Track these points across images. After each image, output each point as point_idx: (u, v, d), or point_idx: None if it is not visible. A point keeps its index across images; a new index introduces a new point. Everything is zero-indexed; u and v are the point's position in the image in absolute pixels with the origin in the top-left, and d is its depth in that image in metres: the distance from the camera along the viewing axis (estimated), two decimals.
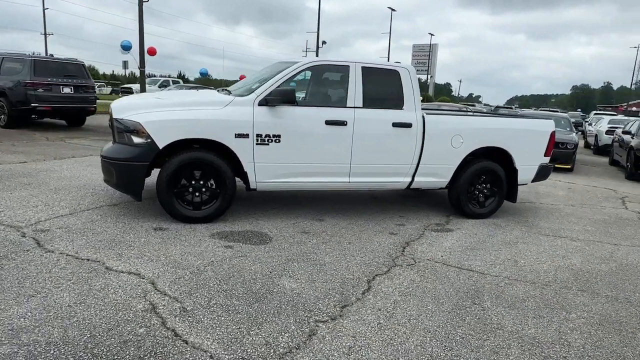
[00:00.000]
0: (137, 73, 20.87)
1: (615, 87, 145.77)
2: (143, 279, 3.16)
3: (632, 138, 10.38)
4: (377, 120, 4.84)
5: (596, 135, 16.67)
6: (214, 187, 4.48)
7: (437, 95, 55.48)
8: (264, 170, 4.55)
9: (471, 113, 8.09)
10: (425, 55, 55.04)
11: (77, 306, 2.70)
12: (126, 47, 23.00)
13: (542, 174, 5.78)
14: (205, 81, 33.26)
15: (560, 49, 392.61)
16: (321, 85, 4.79)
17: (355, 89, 4.80)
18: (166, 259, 3.54)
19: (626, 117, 18.07)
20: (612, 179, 10.08)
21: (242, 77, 38.69)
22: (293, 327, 2.68)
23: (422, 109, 5.25)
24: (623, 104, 79.28)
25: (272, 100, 4.43)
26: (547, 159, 5.75)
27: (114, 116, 4.32)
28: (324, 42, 35.14)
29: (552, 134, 5.69)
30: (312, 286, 3.27)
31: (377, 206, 5.75)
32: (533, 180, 5.78)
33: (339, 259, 3.83)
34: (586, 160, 13.91)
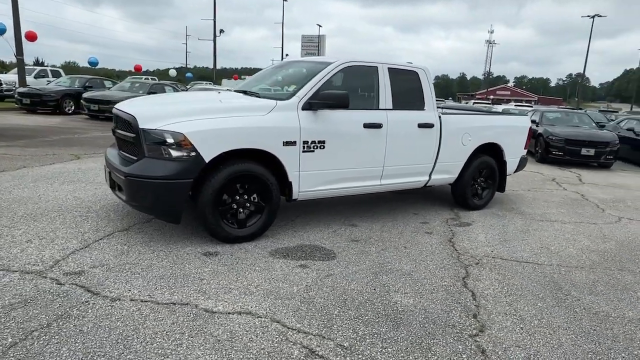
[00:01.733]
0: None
1: (468, 78, 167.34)
2: (262, 317, 2.76)
3: (538, 126, 12.04)
4: (405, 121, 4.86)
5: None
6: (256, 201, 4.06)
7: None
8: (307, 178, 4.26)
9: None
10: (314, 46, 56.13)
11: None
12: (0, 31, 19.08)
13: (522, 165, 6.42)
14: (93, 71, 29.04)
15: (423, 42, 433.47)
16: (353, 86, 4.61)
17: (385, 91, 4.74)
18: (257, 290, 3.13)
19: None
20: (528, 163, 11.59)
21: (137, 68, 35.06)
22: (460, 347, 2.61)
23: None
24: (481, 92, 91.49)
25: (319, 104, 4.15)
26: (525, 151, 6.40)
27: (142, 126, 3.62)
28: (221, 31, 33.55)
29: (530, 129, 6.35)
30: (426, 299, 3.20)
31: (387, 206, 5.80)
32: (515, 171, 6.39)
33: (416, 266, 3.80)
34: None
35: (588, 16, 40.52)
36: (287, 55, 50.87)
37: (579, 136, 10.90)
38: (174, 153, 3.59)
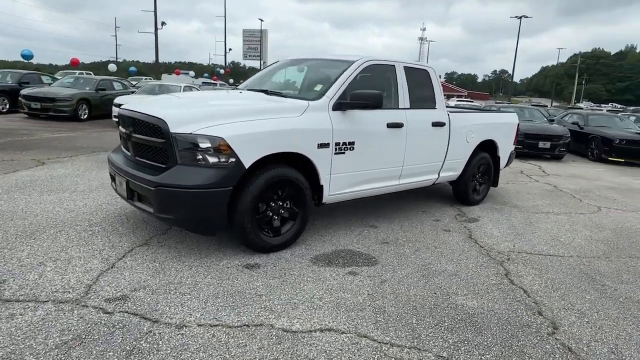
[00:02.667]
0: None
1: None
2: (347, 333, 2.61)
3: None
4: (422, 121, 4.86)
5: None
6: (289, 207, 3.85)
7: None
8: (337, 181, 4.12)
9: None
10: (256, 41, 55.10)
11: None
12: None
13: (510, 159, 6.70)
14: (22, 66, 25.87)
15: (359, 38, 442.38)
16: (374, 85, 4.51)
17: (403, 90, 4.70)
18: (323, 303, 2.96)
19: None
20: None
21: (73, 62, 32.01)
22: (547, 347, 2.64)
23: None
24: None
25: (351, 104, 4.01)
26: (513, 147, 6.68)
27: (174, 130, 3.27)
28: (163, 23, 31.76)
29: (518, 125, 6.64)
30: (486, 299, 3.21)
31: (393, 204, 5.78)
32: (505, 166, 6.65)
33: (457, 266, 3.81)
34: None
35: (516, 17, 43.48)
36: (230, 49, 49.42)
37: (536, 130, 11.64)
38: (212, 159, 3.29)
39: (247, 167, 3.39)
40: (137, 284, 3.01)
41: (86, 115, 13.38)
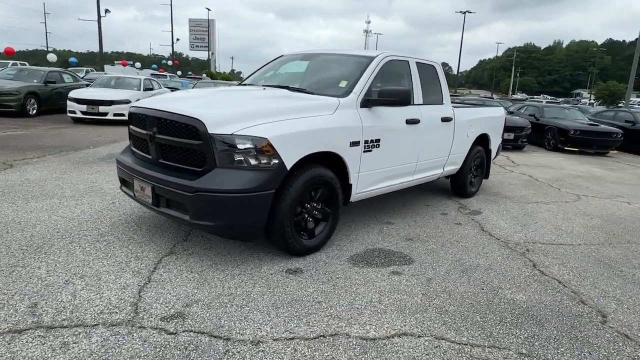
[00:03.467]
0: None
1: None
2: (424, 337, 2.57)
3: None
4: (433, 116, 4.90)
5: None
6: (322, 207, 3.74)
7: (203, 71, 53.02)
8: (363, 179, 4.06)
9: None
10: (203, 31, 53.17)
11: None
12: None
13: (498, 152, 6.95)
14: None
15: (304, 30, 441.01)
16: (391, 81, 4.46)
17: (416, 86, 4.71)
18: (384, 306, 2.91)
19: None
20: None
21: (8, 52, 28.91)
22: (607, 335, 2.76)
23: None
24: None
25: (379, 101, 3.94)
26: (500, 140, 6.93)
27: (212, 131, 3.04)
28: (107, 11, 29.67)
29: (505, 118, 6.89)
30: (530, 291, 3.30)
31: (396, 200, 5.81)
32: (493, 158, 6.89)
33: (487, 260, 3.89)
34: None
35: (460, 12, 45.22)
36: (177, 40, 47.31)
37: None
38: (254, 161, 3.11)
39: (288, 168, 3.24)
40: (186, 299, 2.78)
41: (35, 111, 12.28)
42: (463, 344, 2.53)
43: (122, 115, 11.63)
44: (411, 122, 4.48)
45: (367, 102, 3.95)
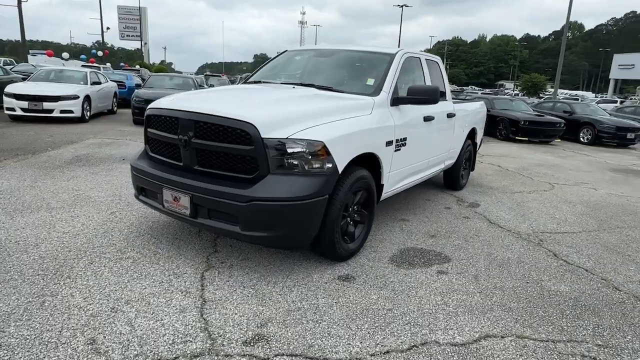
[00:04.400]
0: None
1: None
2: (507, 337, 2.59)
3: None
4: (442, 112, 4.96)
5: None
6: (358, 209, 3.65)
7: (133, 62, 49.56)
8: (391, 178, 4.01)
9: None
10: (134, 19, 49.90)
11: None
12: None
13: (480, 145, 7.23)
14: None
15: (238, 19, 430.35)
16: (408, 79, 4.41)
17: (428, 82, 4.73)
18: (453, 308, 2.90)
19: None
20: None
21: None
22: None
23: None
24: None
25: (407, 99, 3.90)
26: (482, 133, 7.21)
27: (266, 135, 2.82)
28: None
29: (486, 112, 7.17)
30: (568, 282, 3.45)
31: (400, 196, 5.82)
32: (477, 151, 7.16)
33: (513, 253, 4.02)
34: None
35: (398, 5, 46.46)
36: (108, 28, 44.04)
37: None
38: (309, 166, 2.94)
39: (340, 172, 3.11)
40: (257, 318, 2.58)
41: None
42: (545, 341, 2.58)
43: (71, 112, 10.63)
44: (427, 119, 4.50)
45: (396, 101, 3.90)
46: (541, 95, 41.47)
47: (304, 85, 4.02)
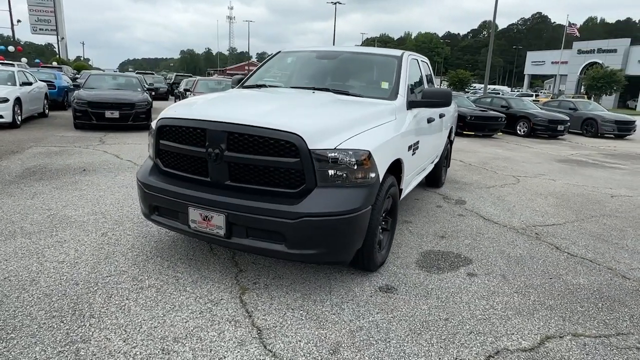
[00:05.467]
0: None
1: (214, 53, 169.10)
2: (565, 336, 2.66)
3: None
4: (436, 113, 5.01)
5: None
6: (384, 217, 3.57)
7: (46, 59, 45.23)
8: (406, 182, 3.99)
9: None
10: (48, 11, 45.47)
11: None
12: None
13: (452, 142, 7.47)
14: None
15: (161, 14, 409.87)
16: (412, 81, 4.37)
17: (425, 84, 4.76)
18: (501, 311, 2.92)
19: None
20: None
21: None
22: None
23: None
24: (231, 67, 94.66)
25: (421, 103, 3.88)
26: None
27: (314, 147, 2.64)
28: None
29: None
30: (582, 275, 3.64)
31: None
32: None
33: (520, 249, 4.17)
34: None
35: (332, 2, 46.94)
36: (19, 21, 39.68)
37: None
38: (354, 176, 2.80)
39: (381, 181, 3.01)
40: (324, 344, 2.41)
41: None
42: (599, 337, 2.68)
43: (0, 117, 9.43)
44: (430, 120, 4.53)
45: (411, 104, 3.87)
46: (466, 90, 44.09)
47: (320, 90, 3.84)
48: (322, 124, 2.82)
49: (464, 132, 14.02)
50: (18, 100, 10.09)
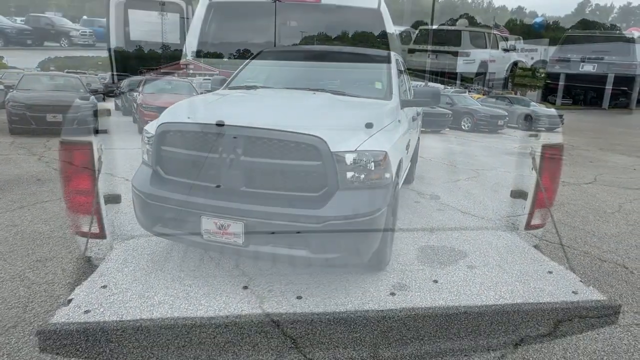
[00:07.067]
0: None
1: (145, 51, 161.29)
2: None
3: None
4: (416, 110, 5.15)
5: None
6: None
7: None
8: (400, 181, 4.06)
9: None
10: None
11: None
12: None
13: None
14: None
15: None
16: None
17: (408, 82, 4.87)
18: None
19: None
20: None
21: None
22: None
23: None
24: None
25: (412, 102, 3.96)
26: None
27: (335, 149, 2.61)
28: None
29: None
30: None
31: None
32: None
33: (509, 239, 4.40)
34: None
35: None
36: None
37: None
38: (372, 177, 2.81)
39: (393, 179, 3.04)
40: (364, 349, 2.39)
41: None
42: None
43: None
44: (414, 119, 4.64)
45: (403, 104, 3.94)
46: None
47: (317, 91, 3.79)
48: (341, 126, 2.80)
49: None
50: None
